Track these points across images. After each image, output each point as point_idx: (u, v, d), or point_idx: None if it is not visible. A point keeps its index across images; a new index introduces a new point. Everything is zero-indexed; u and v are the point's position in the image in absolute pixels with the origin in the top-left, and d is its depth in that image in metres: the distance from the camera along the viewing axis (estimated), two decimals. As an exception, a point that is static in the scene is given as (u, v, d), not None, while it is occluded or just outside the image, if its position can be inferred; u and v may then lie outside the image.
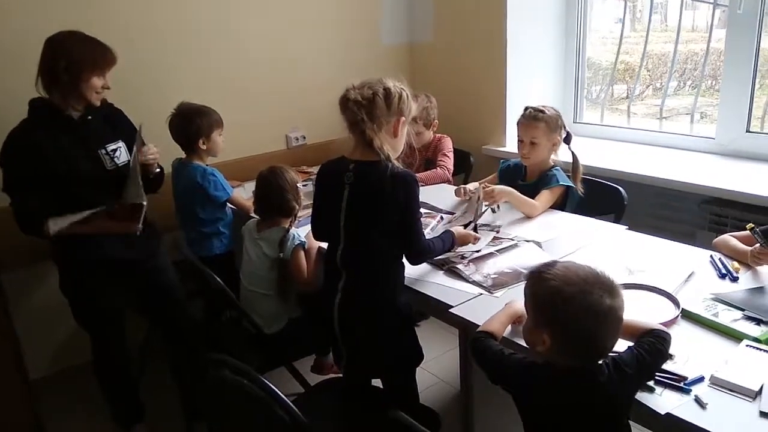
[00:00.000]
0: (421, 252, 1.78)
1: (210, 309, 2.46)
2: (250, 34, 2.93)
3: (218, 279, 2.08)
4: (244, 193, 2.69)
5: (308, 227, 2.30)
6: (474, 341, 1.40)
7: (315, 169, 3.01)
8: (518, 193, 2.27)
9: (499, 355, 1.34)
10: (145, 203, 1.91)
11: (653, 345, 1.25)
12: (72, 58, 1.92)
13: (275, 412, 1.35)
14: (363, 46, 3.40)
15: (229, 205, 2.54)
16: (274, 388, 1.35)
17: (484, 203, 2.20)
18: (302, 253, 2.17)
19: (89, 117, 2.02)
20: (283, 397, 1.35)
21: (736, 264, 1.76)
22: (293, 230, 2.19)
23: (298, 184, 2.25)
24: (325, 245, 2.16)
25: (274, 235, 2.18)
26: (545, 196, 2.31)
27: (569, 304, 1.19)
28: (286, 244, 2.15)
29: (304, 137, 3.29)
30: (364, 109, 1.66)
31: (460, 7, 3.25)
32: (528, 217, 2.26)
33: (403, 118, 1.74)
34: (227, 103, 2.68)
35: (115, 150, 2.06)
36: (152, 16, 2.67)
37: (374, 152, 1.67)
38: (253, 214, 2.31)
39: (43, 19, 2.27)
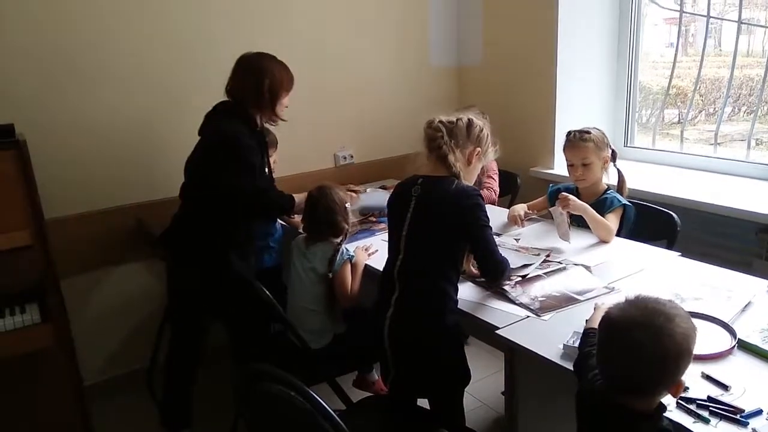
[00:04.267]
0: (497, 265, 1.82)
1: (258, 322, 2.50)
2: (299, 53, 2.99)
3: (267, 292, 2.12)
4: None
5: (356, 243, 2.36)
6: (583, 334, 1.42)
7: (362, 188, 3.08)
8: (594, 212, 2.25)
9: (585, 354, 1.34)
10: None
11: None
12: (274, 78, 2.19)
13: (321, 425, 1.36)
14: (412, 67, 3.45)
15: (279, 221, 2.60)
16: (321, 400, 1.37)
17: (563, 215, 2.20)
18: (349, 268, 2.19)
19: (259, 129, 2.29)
20: (330, 410, 1.36)
21: (796, 295, 1.70)
22: (343, 246, 2.22)
23: (346, 204, 2.28)
24: (371, 262, 2.22)
25: (323, 250, 2.21)
26: (613, 220, 2.27)
27: (604, 332, 1.18)
28: (335, 261, 2.19)
29: (352, 156, 3.35)
30: (445, 128, 1.81)
31: (510, 29, 3.27)
32: (603, 242, 2.22)
33: (479, 150, 1.86)
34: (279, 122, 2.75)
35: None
36: (212, 37, 2.77)
37: (445, 169, 1.78)
38: (301, 231, 2.35)
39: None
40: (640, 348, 1.09)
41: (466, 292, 1.87)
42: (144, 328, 2.76)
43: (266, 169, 2.31)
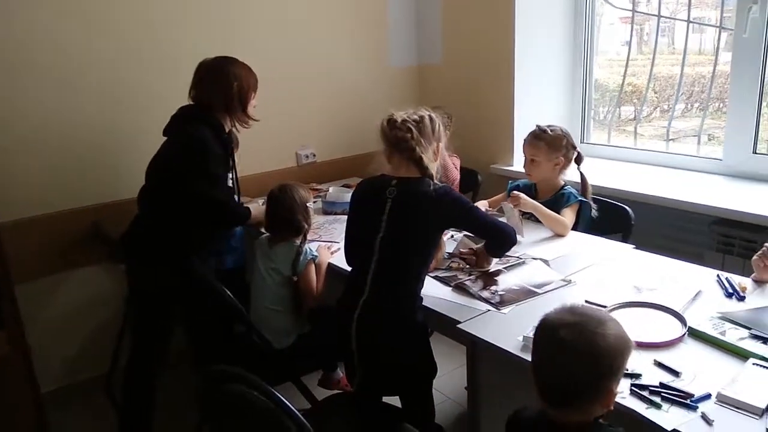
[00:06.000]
0: (505, 234, 1.87)
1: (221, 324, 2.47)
2: (259, 52, 2.97)
3: (229, 294, 2.11)
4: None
5: (318, 243, 2.36)
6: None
7: (324, 186, 3.08)
8: (545, 208, 2.29)
9: (511, 418, 1.32)
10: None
11: None
12: (241, 81, 2.18)
13: (285, 425, 1.36)
14: (372, 66, 3.46)
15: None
16: (285, 399, 1.37)
17: (513, 210, 2.24)
18: (313, 268, 2.20)
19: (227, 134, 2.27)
20: (293, 408, 1.36)
21: (743, 283, 1.77)
22: (305, 246, 2.22)
23: (308, 204, 2.28)
24: (335, 261, 2.22)
25: (286, 251, 2.20)
26: (569, 215, 2.33)
27: (538, 334, 1.20)
28: (298, 263, 2.18)
29: (314, 155, 3.34)
30: (416, 128, 1.77)
31: (469, 29, 3.31)
32: (559, 236, 2.27)
33: (441, 145, 1.86)
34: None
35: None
36: (172, 35, 2.74)
37: (418, 170, 1.77)
38: (263, 230, 2.34)
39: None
40: (568, 346, 1.11)
41: (429, 288, 1.88)
42: (103, 333, 2.70)
43: (231, 175, 2.30)
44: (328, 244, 2.37)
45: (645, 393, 1.31)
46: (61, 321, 2.66)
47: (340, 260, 2.18)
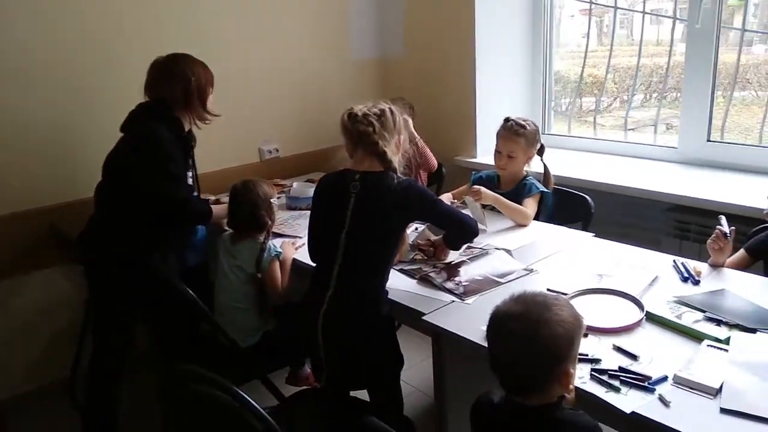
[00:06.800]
0: (468, 227, 1.89)
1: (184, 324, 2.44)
2: (220, 46, 2.93)
3: (192, 293, 2.07)
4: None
5: (282, 239, 2.34)
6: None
7: (288, 182, 3.05)
8: (506, 200, 2.31)
9: (475, 404, 1.32)
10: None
11: None
12: (199, 78, 2.17)
13: (250, 423, 1.35)
14: (335, 59, 3.44)
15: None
16: (248, 398, 1.35)
17: (476, 203, 2.26)
18: (277, 265, 2.17)
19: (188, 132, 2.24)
20: (258, 407, 1.35)
21: (698, 268, 1.82)
22: (269, 242, 2.20)
23: (271, 199, 2.26)
24: (299, 256, 2.20)
25: (249, 248, 2.18)
26: (531, 205, 2.35)
27: (488, 325, 1.21)
28: (262, 260, 2.16)
29: (277, 150, 3.31)
30: (378, 122, 1.76)
31: (430, 21, 3.32)
32: (521, 226, 2.30)
33: (402, 137, 1.86)
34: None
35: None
36: (125, 29, 2.68)
37: (381, 164, 1.77)
38: (226, 227, 2.31)
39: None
40: (515, 337, 1.14)
41: (394, 281, 1.89)
42: (64, 336, 2.63)
43: (190, 173, 2.26)
44: (292, 239, 2.35)
45: (604, 377, 1.34)
46: (19, 326, 2.59)
47: (304, 256, 2.17)
